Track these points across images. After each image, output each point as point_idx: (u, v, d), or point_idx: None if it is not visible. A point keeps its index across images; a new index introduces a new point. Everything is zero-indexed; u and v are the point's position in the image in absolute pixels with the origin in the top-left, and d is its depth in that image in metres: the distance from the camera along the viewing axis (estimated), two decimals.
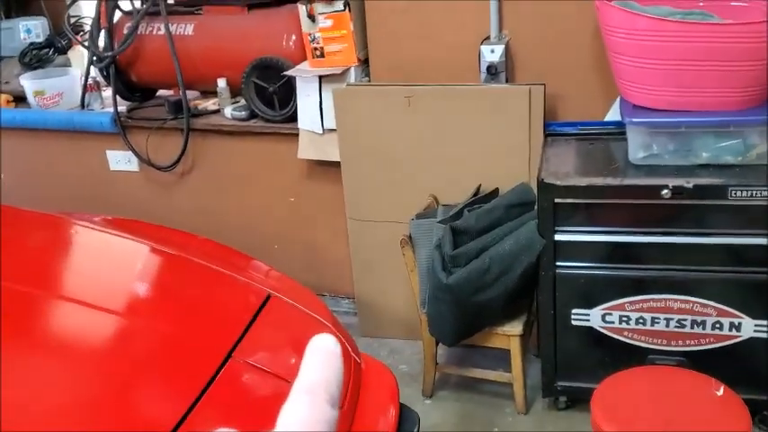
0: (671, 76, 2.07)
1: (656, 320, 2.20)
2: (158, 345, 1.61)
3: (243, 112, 2.91)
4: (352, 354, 1.85)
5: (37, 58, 3.36)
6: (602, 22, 2.16)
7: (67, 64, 3.43)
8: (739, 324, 2.14)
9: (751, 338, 2.15)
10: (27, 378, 1.43)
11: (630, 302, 2.20)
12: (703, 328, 2.17)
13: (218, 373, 1.53)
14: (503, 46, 2.43)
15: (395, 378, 1.87)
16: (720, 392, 1.74)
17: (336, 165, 2.76)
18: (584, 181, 2.15)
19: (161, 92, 3.31)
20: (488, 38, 2.49)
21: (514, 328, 2.36)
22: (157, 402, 1.48)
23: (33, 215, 2.22)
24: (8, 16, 3.48)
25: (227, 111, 2.96)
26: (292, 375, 1.48)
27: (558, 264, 2.22)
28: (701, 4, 2.20)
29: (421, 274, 2.40)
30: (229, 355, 1.58)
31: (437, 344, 2.51)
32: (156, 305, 1.84)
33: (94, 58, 3.08)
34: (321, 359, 0.40)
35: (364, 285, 2.92)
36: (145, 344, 1.61)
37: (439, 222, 2.25)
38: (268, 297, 1.85)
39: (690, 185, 2.03)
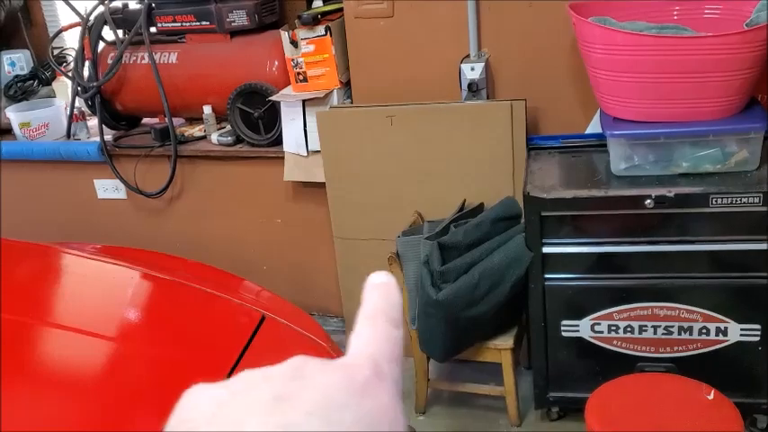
0: (648, 88, 2.12)
1: (644, 328, 2.23)
2: (154, 371, 1.62)
3: (229, 138, 2.94)
4: None
5: (22, 90, 3.37)
6: (580, 38, 2.21)
7: (52, 95, 3.44)
8: (725, 329, 2.18)
9: (738, 342, 2.18)
10: (20, 407, 1.44)
11: (618, 312, 2.24)
12: (690, 334, 2.21)
13: None
14: (483, 63, 2.48)
15: None
16: (711, 396, 1.78)
17: (322, 185, 2.79)
18: (569, 193, 2.18)
19: (145, 120, 3.33)
20: (468, 56, 2.54)
21: (505, 341, 2.39)
22: (154, 427, 1.48)
23: (24, 245, 2.23)
24: None
25: (214, 137, 2.98)
26: None
27: (547, 276, 2.25)
28: (676, 17, 2.26)
29: (409, 290, 2.42)
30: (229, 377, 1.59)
31: (428, 360, 2.53)
32: (151, 330, 1.85)
33: (79, 88, 3.10)
34: (377, 291, 0.44)
35: (353, 304, 2.93)
36: (140, 370, 1.61)
37: (426, 239, 2.28)
38: (263, 319, 1.87)
39: (671, 195, 2.07)
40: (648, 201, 2.07)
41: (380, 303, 0.44)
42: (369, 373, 0.40)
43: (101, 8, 3.03)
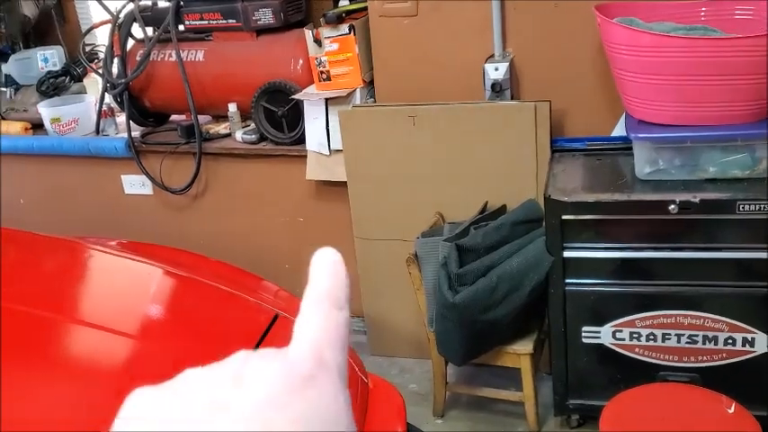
0: (675, 90, 2.07)
1: (667, 336, 2.18)
2: (165, 367, 1.63)
3: (253, 136, 2.95)
4: (359, 374, 1.86)
5: (53, 86, 3.43)
6: (605, 39, 2.16)
7: (83, 91, 3.49)
8: (752, 339, 2.12)
9: (765, 354, 2.12)
10: (37, 400, 1.45)
11: (641, 319, 2.19)
12: (715, 344, 2.15)
13: None
14: (507, 63, 2.45)
15: (402, 398, 1.87)
16: (732, 410, 1.72)
17: (343, 184, 2.79)
18: (591, 197, 2.14)
19: (173, 117, 3.36)
20: (492, 56, 2.51)
21: (525, 346, 2.35)
22: None
23: (49, 240, 2.26)
24: (26, 46, 3.56)
25: (238, 134, 2.99)
26: None
27: (568, 281, 2.21)
28: (703, 18, 2.20)
29: (427, 292, 2.40)
30: None
31: (446, 363, 2.51)
32: (164, 327, 1.86)
33: (108, 84, 3.13)
34: (324, 270, 0.43)
35: (373, 304, 2.92)
36: (152, 367, 1.62)
37: (444, 240, 2.26)
38: (276, 317, 1.87)
39: (696, 200, 2.02)
40: (673, 206, 2.02)
41: (327, 284, 0.43)
42: (311, 365, 0.39)
43: (131, 6, 3.07)
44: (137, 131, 3.22)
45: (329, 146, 2.75)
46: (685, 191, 2.06)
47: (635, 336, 2.21)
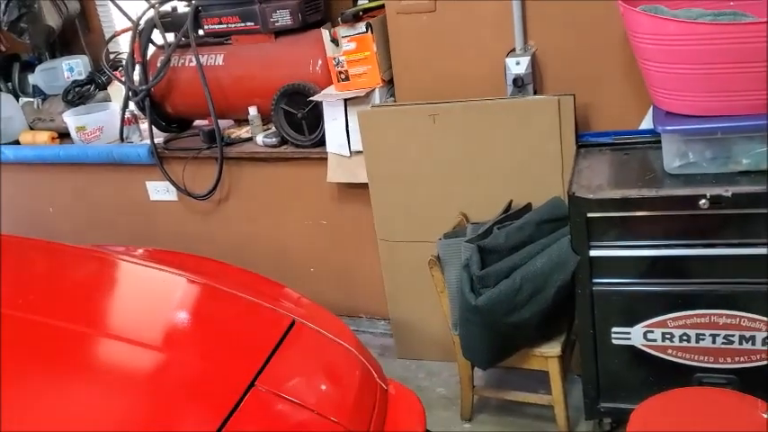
0: (705, 80, 1.97)
1: (702, 337, 2.09)
2: (182, 375, 1.61)
3: (274, 139, 2.93)
4: (378, 380, 1.82)
5: (79, 95, 3.45)
6: (629, 28, 2.08)
7: (108, 99, 3.51)
8: None
9: None
10: (56, 411, 1.45)
11: (673, 319, 2.10)
12: (753, 344, 2.05)
13: (240, 401, 1.51)
14: (528, 57, 2.38)
15: (422, 404, 1.83)
16: (767, 415, 1.63)
17: (365, 186, 2.75)
18: (617, 193, 2.06)
19: (196, 122, 3.36)
20: (513, 50, 2.44)
21: (552, 348, 2.28)
22: None
23: (76, 251, 2.27)
24: (52, 56, 3.59)
25: (259, 138, 2.98)
26: (313, 403, 1.46)
27: (595, 281, 2.13)
28: (732, 2, 2.10)
29: (451, 295, 2.34)
30: (252, 384, 1.57)
31: (473, 367, 2.45)
32: (182, 335, 1.85)
33: (130, 91, 3.14)
34: None
35: (398, 307, 2.87)
36: (168, 375, 1.61)
37: (466, 242, 2.20)
38: (292, 323, 1.84)
39: (729, 194, 1.92)
40: (703, 201, 1.93)
41: None
42: None
43: (151, 12, 3.07)
44: (160, 138, 3.23)
45: (349, 147, 2.71)
46: (717, 184, 1.97)
47: (667, 336, 2.12)
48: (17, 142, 3.55)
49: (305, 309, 2.07)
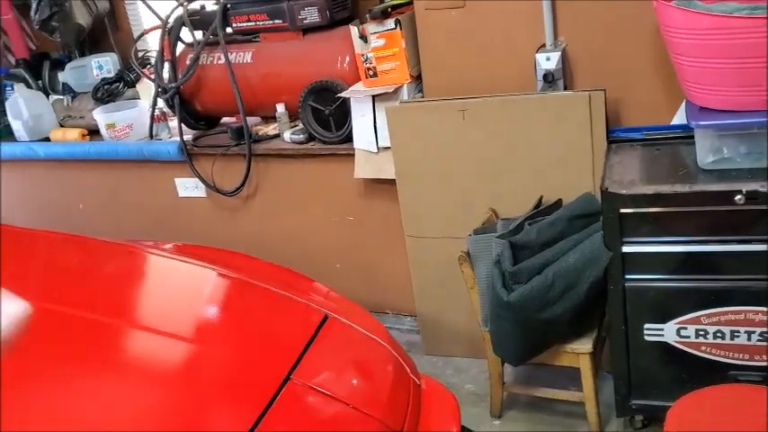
0: (739, 74, 1.95)
1: (736, 334, 2.06)
2: (217, 369, 1.62)
3: (301, 136, 2.94)
4: (411, 375, 1.82)
5: (108, 92, 3.49)
6: (662, 23, 2.06)
7: (136, 96, 3.54)
8: None
9: None
10: (93, 403, 1.46)
11: (707, 315, 2.08)
12: None
13: (276, 395, 1.52)
14: (559, 53, 2.37)
15: (456, 399, 1.83)
16: None
17: (393, 182, 2.75)
18: (650, 189, 2.04)
19: (224, 119, 3.38)
20: (543, 45, 2.43)
21: (584, 345, 2.27)
22: (217, 427, 1.47)
23: (107, 245, 2.29)
24: (81, 54, 3.63)
25: (287, 135, 2.99)
26: (348, 397, 1.47)
27: (628, 277, 2.12)
28: None
29: (481, 291, 2.34)
30: (288, 378, 1.58)
31: (503, 363, 2.44)
32: (217, 329, 1.86)
33: (160, 89, 3.17)
34: None
35: (426, 303, 2.88)
36: (205, 368, 1.62)
37: (497, 237, 2.19)
38: (325, 318, 1.84)
39: (765, 189, 1.90)
40: (739, 196, 1.91)
41: None
42: None
43: (180, 10, 3.09)
44: (189, 135, 3.25)
45: (377, 143, 2.72)
46: (752, 180, 1.95)
47: (701, 333, 2.10)
48: (47, 139, 3.59)
49: (335, 303, 2.07)
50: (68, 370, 1.56)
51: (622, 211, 2.05)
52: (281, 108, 2.99)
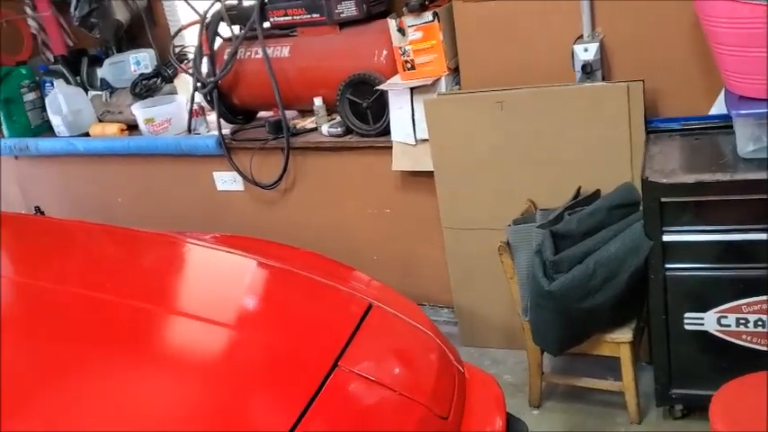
0: None
1: None
2: (265, 355, 1.64)
3: (339, 129, 2.98)
4: (455, 363, 1.84)
5: (146, 87, 3.55)
6: (702, 13, 2.06)
7: (174, 91, 3.60)
8: None
9: None
10: (142, 388, 1.49)
11: (748, 304, 2.09)
12: None
13: (324, 382, 1.54)
14: (597, 44, 2.38)
15: (500, 387, 1.85)
16: None
17: (430, 174, 2.78)
18: (691, 178, 2.05)
19: (260, 113, 3.42)
20: (581, 36, 2.44)
21: (624, 334, 2.28)
22: (267, 412, 1.50)
23: (148, 235, 2.34)
24: (119, 50, 3.70)
25: (324, 128, 3.03)
26: (395, 384, 1.48)
27: (668, 266, 2.13)
28: None
29: (521, 281, 2.36)
30: (335, 365, 1.60)
31: (542, 353, 2.46)
32: (264, 318, 1.88)
33: (198, 84, 3.22)
34: None
35: (463, 294, 2.90)
36: (252, 354, 1.64)
37: (538, 227, 2.21)
38: (370, 307, 1.87)
39: None
40: None
41: None
42: None
43: (217, 6, 3.14)
44: (226, 129, 3.30)
45: (415, 135, 2.74)
46: None
47: (742, 322, 2.11)
48: (87, 134, 3.66)
49: (377, 291, 2.10)
50: (116, 355, 1.56)
51: (663, 200, 2.07)
52: (318, 101, 3.03)
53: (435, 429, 1.57)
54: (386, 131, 2.86)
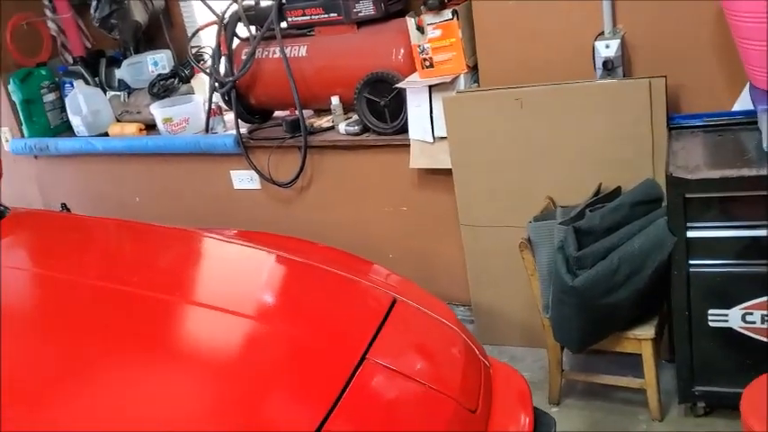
0: None
1: None
2: (293, 349, 1.64)
3: (356, 127, 2.98)
4: (481, 357, 1.84)
5: (164, 88, 3.56)
6: (726, 7, 2.06)
7: (191, 91, 3.61)
8: None
9: None
10: (168, 381, 1.49)
11: None
12: None
13: (353, 375, 1.54)
14: (618, 40, 2.37)
15: (526, 381, 1.84)
16: None
17: (447, 172, 2.78)
18: (716, 173, 2.04)
19: (277, 113, 3.43)
20: (602, 33, 2.44)
21: (646, 331, 2.27)
22: (297, 405, 1.49)
23: (169, 230, 2.34)
24: (137, 51, 3.72)
25: (341, 126, 3.03)
26: (424, 377, 1.48)
27: (692, 262, 2.12)
28: None
29: (542, 277, 2.35)
30: (363, 358, 1.59)
31: (562, 350, 2.45)
32: (289, 310, 1.87)
33: (216, 84, 3.24)
34: None
35: (481, 292, 2.89)
36: (281, 348, 1.63)
37: (560, 224, 2.21)
38: (394, 301, 1.87)
39: None
40: None
41: None
42: None
43: (235, 6, 3.15)
44: (243, 128, 3.31)
45: (433, 133, 2.74)
46: None
47: (767, 319, 2.10)
48: (106, 134, 3.68)
49: (398, 285, 2.10)
50: (141, 348, 1.56)
51: (687, 195, 2.06)
52: (335, 100, 3.03)
53: (465, 422, 1.56)
54: (403, 129, 2.86)
